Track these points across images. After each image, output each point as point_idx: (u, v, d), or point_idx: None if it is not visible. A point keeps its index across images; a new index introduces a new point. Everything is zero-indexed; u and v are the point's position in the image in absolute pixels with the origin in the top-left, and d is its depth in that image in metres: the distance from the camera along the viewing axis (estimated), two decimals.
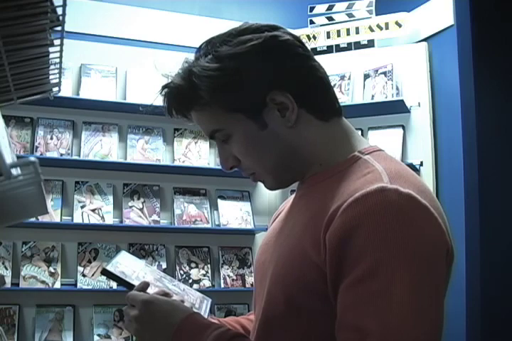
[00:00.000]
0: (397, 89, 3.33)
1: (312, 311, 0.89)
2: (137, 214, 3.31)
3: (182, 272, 3.33)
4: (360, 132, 2.99)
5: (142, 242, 3.31)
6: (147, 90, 3.34)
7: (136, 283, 1.08)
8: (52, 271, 3.08)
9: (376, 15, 3.50)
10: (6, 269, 3.01)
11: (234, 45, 0.92)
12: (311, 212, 0.92)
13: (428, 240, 0.82)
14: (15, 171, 0.77)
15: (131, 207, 3.32)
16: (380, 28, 3.47)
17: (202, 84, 0.92)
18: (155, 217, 3.34)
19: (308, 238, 0.89)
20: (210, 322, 1.00)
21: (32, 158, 0.76)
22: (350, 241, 0.82)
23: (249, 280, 3.42)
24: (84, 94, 3.26)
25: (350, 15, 3.58)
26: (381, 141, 3.27)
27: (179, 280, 3.27)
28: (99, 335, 3.08)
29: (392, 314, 0.77)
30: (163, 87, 0.98)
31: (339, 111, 1.00)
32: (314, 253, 0.87)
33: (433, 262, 0.82)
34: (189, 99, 0.95)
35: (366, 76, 3.44)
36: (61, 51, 0.97)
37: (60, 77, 1.06)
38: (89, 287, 3.08)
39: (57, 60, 0.99)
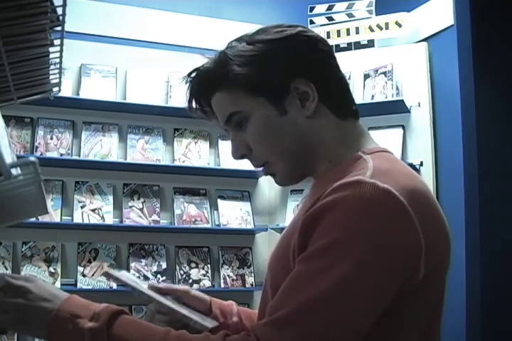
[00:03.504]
0: (397, 89, 3.33)
1: None
2: (137, 214, 3.31)
3: (182, 272, 3.33)
4: None
5: (142, 242, 3.31)
6: (147, 90, 3.35)
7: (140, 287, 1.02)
8: (52, 271, 3.08)
9: (376, 15, 3.50)
10: (6, 269, 3.00)
11: (268, 34, 0.98)
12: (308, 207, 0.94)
13: (390, 236, 0.82)
14: (15, 171, 0.77)
15: (131, 207, 3.31)
16: (380, 28, 3.47)
17: (233, 61, 0.96)
18: (155, 217, 3.33)
19: (296, 231, 0.90)
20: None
21: (32, 158, 0.76)
22: (317, 223, 0.84)
23: (249, 280, 3.42)
24: (84, 94, 3.26)
25: (350, 15, 3.58)
26: (381, 141, 3.23)
27: (179, 280, 3.27)
28: None
29: (314, 296, 0.79)
30: (193, 71, 1.02)
31: (356, 113, 1.03)
32: (293, 241, 0.89)
33: (385, 258, 0.81)
34: (217, 76, 0.98)
35: (366, 76, 3.44)
36: (61, 51, 0.97)
37: (60, 77, 1.07)
38: (89, 287, 3.07)
39: (57, 60, 0.99)
